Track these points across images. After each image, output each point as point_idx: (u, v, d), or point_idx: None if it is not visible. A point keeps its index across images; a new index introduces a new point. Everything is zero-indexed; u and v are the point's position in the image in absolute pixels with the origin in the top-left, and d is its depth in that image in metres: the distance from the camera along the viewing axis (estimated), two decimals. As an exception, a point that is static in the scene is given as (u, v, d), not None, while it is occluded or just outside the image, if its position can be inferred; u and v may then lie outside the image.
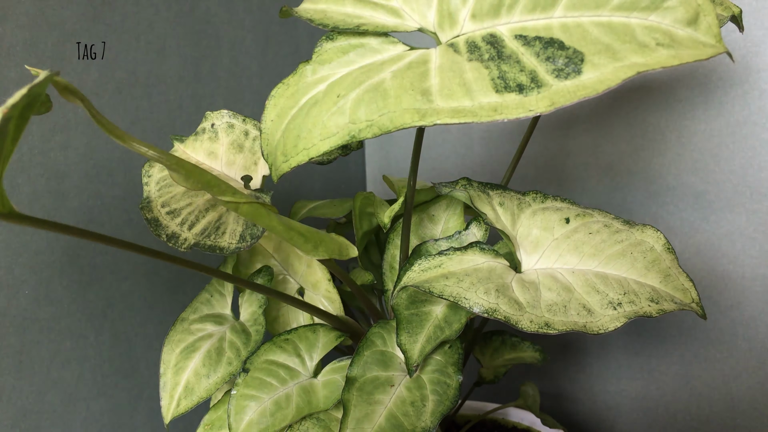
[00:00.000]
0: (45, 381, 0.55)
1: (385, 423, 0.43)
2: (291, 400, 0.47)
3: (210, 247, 0.48)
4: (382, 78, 0.36)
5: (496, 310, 0.38)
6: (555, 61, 0.33)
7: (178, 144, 0.57)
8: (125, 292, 0.62)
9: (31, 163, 0.54)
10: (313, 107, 0.38)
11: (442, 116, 0.32)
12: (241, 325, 0.54)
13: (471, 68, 0.34)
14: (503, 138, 0.87)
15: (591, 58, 0.32)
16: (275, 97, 0.42)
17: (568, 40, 0.33)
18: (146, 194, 0.52)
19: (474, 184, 0.48)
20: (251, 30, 0.78)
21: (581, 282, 0.42)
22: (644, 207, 0.78)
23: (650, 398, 0.80)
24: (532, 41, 0.34)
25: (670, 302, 0.40)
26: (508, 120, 0.31)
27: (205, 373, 0.51)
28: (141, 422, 0.64)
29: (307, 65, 0.41)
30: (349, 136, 0.35)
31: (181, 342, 0.54)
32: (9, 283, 0.52)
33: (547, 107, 0.31)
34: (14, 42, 0.52)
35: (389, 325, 0.48)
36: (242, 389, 0.48)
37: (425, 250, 0.50)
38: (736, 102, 0.71)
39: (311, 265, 0.56)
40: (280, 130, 0.40)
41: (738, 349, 0.74)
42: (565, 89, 0.31)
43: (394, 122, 0.33)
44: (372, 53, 0.39)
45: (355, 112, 0.35)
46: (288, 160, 0.38)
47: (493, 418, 0.67)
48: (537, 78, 0.32)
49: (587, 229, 0.45)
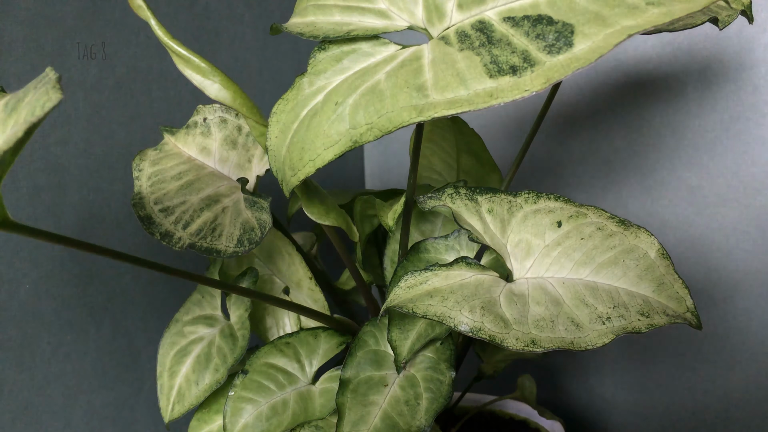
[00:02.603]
0: (46, 374, 0.55)
1: (381, 424, 0.43)
2: (288, 406, 0.47)
3: (207, 250, 0.47)
4: (377, 80, 0.36)
5: (480, 329, 0.37)
6: (545, 38, 0.32)
7: (168, 136, 0.56)
8: (126, 286, 0.62)
9: (31, 158, 0.54)
10: (314, 118, 0.38)
11: (439, 109, 0.32)
12: (230, 328, 0.54)
13: (463, 57, 0.34)
14: (500, 133, 0.88)
15: (581, 29, 0.32)
16: (276, 113, 0.42)
17: (556, 15, 0.33)
18: (137, 189, 0.52)
19: (461, 192, 0.46)
20: (250, 25, 0.78)
21: (571, 294, 0.40)
22: (639, 201, 0.79)
23: (645, 390, 0.81)
24: (521, 21, 0.34)
25: (662, 315, 0.39)
26: (504, 103, 0.31)
27: (195, 379, 0.52)
28: (142, 415, 0.64)
29: (303, 78, 0.41)
30: (352, 142, 0.35)
31: (174, 345, 0.55)
32: (10, 277, 0.52)
33: (543, 84, 0.31)
34: (14, 37, 0.52)
35: (381, 324, 0.48)
36: (240, 391, 0.48)
37: (423, 248, 0.49)
38: (729, 98, 0.72)
39: (293, 263, 0.55)
40: (284, 145, 0.40)
41: (731, 342, 0.75)
42: (558, 64, 0.31)
43: (393, 122, 0.33)
44: (365, 57, 0.39)
45: (354, 117, 0.35)
46: (296, 174, 0.38)
47: (491, 410, 0.67)
48: (529, 57, 0.32)
49: (579, 234, 0.43)
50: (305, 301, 0.55)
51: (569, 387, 0.86)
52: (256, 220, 0.48)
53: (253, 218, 0.49)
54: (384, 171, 1.00)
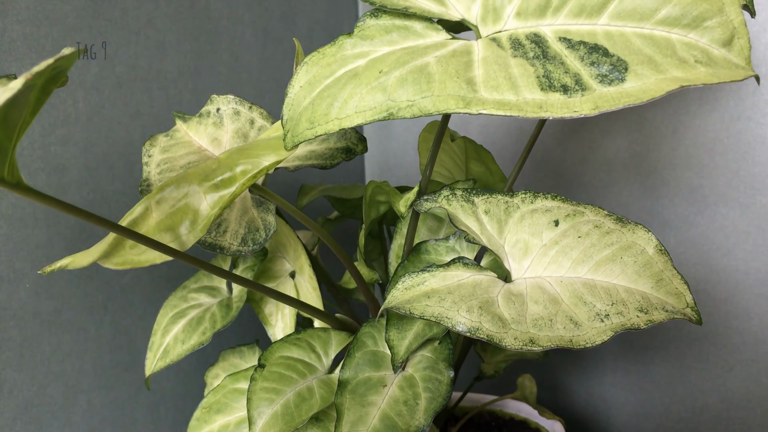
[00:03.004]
0: (46, 374, 0.55)
1: (380, 424, 0.43)
2: (314, 393, 0.47)
3: (210, 245, 0.48)
4: (426, 61, 0.36)
5: (478, 329, 0.37)
6: (599, 67, 0.34)
7: (180, 122, 0.56)
8: (125, 286, 0.62)
9: (32, 158, 0.54)
10: (353, 79, 0.38)
11: (488, 107, 0.33)
12: (229, 300, 0.55)
13: (516, 64, 0.35)
14: (500, 134, 0.88)
15: (635, 68, 0.33)
16: (308, 64, 0.41)
17: (612, 48, 0.34)
18: (146, 175, 0.52)
19: (458, 193, 0.46)
20: (251, 25, 0.78)
21: (569, 292, 0.40)
22: (639, 201, 0.78)
23: (645, 390, 0.81)
24: (577, 45, 0.35)
25: (661, 311, 0.39)
26: (553, 118, 0.32)
27: (182, 338, 0.54)
28: (141, 415, 0.64)
29: (348, 38, 0.41)
30: (387, 113, 0.35)
31: (175, 307, 0.57)
32: (10, 277, 0.52)
33: (591, 110, 0.32)
34: (15, 36, 0.52)
35: (380, 324, 0.48)
36: (261, 383, 0.47)
37: (424, 250, 0.49)
38: (730, 98, 0.72)
39: (297, 249, 0.56)
40: (310, 97, 0.39)
41: (731, 341, 0.75)
42: (608, 95, 0.32)
43: (437, 106, 0.34)
44: (415, 37, 0.40)
45: (396, 90, 0.35)
46: (314, 128, 0.37)
47: (491, 410, 0.67)
48: (581, 81, 0.33)
49: (576, 233, 0.43)
50: (306, 286, 0.55)
51: (569, 387, 0.86)
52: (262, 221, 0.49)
53: (258, 218, 0.49)
54: (384, 170, 1.00)
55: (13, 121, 0.28)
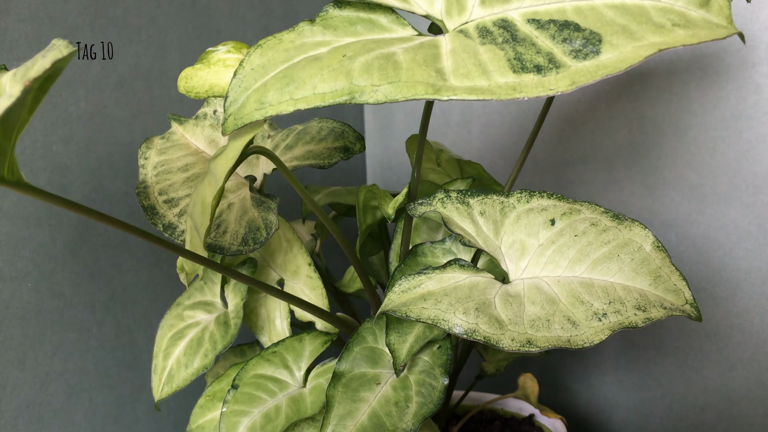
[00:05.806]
0: (48, 373, 0.55)
1: (368, 421, 0.43)
2: (281, 411, 0.47)
3: (210, 246, 0.47)
4: (393, 51, 0.35)
5: (475, 331, 0.37)
6: (572, 43, 0.33)
7: (176, 125, 0.56)
8: (127, 285, 0.62)
9: (33, 157, 0.54)
10: (313, 62, 0.36)
11: (459, 93, 0.32)
12: (225, 316, 0.55)
13: (485, 50, 0.34)
14: (502, 131, 0.88)
15: (609, 39, 0.33)
16: (263, 47, 0.39)
17: (583, 22, 0.34)
18: (142, 178, 0.52)
19: (452, 195, 0.45)
20: (252, 24, 0.78)
21: (566, 292, 0.40)
22: (640, 200, 0.78)
23: (646, 389, 0.81)
24: (546, 24, 0.34)
25: (659, 308, 0.39)
26: (528, 98, 0.31)
27: (185, 362, 0.53)
28: (143, 413, 0.65)
29: (309, 25, 0.39)
30: (349, 96, 0.33)
31: (172, 327, 0.56)
32: (12, 276, 0.52)
33: (568, 86, 0.31)
34: (16, 36, 0.52)
35: (381, 321, 0.48)
36: (232, 405, 0.48)
37: (420, 252, 0.48)
38: (731, 96, 0.72)
39: (291, 251, 0.55)
40: (262, 80, 0.37)
41: (733, 340, 0.75)
42: (584, 69, 0.32)
43: (403, 92, 0.32)
44: (380, 30, 0.39)
45: (361, 74, 0.34)
46: (264, 108, 0.35)
47: (492, 409, 0.67)
48: (554, 59, 0.33)
49: (573, 231, 0.43)
50: (302, 290, 0.54)
51: (571, 385, 0.86)
52: (263, 220, 0.48)
53: (259, 218, 0.49)
54: (386, 169, 1.00)
55: (12, 123, 0.28)
